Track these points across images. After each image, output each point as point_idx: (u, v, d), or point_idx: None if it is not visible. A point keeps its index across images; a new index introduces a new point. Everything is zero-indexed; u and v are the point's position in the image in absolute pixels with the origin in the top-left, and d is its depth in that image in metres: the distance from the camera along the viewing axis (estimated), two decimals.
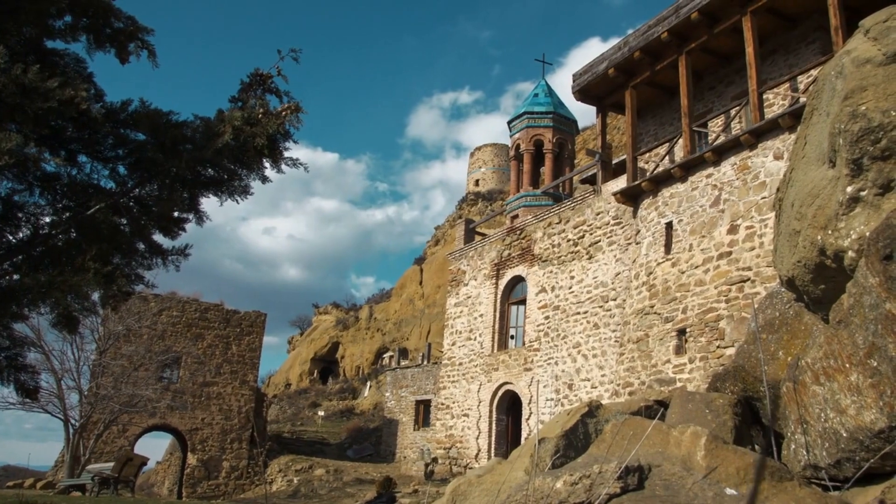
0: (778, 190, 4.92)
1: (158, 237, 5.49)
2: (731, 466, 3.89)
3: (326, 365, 57.27)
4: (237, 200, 5.20)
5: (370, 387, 47.33)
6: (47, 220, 5.79)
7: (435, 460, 24.56)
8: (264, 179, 5.24)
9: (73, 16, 4.89)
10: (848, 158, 3.81)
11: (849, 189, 3.83)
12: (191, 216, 5.36)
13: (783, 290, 5.42)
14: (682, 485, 3.88)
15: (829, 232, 3.95)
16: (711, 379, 5.85)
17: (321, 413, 43.61)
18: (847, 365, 3.75)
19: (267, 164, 5.12)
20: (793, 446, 4.44)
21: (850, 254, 3.83)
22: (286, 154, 5.10)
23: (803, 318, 5.31)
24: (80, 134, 4.79)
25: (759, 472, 3.81)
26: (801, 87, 15.61)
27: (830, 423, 3.91)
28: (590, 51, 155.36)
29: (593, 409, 5.57)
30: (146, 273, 5.75)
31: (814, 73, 15.24)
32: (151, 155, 4.60)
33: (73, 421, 20.84)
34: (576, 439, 5.02)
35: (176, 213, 5.24)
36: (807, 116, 4.73)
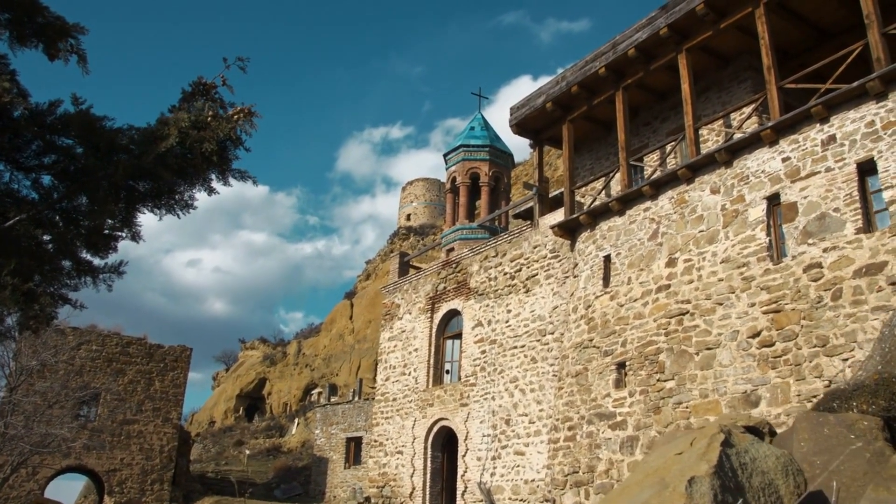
0: None
1: (88, 255, 4.95)
2: None
3: (253, 402, 55.64)
4: (178, 215, 4.74)
5: (298, 424, 46.11)
6: None
7: (367, 499, 23.82)
8: (211, 191, 4.80)
9: None
10: None
11: None
12: (124, 232, 4.86)
13: None
14: None
15: None
16: (824, 397, 4.98)
17: (247, 452, 42.16)
18: None
19: (213, 175, 4.70)
20: None
21: None
22: (234, 165, 4.70)
23: None
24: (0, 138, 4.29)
25: None
26: (735, 123, 15.95)
27: None
28: (520, 88, 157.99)
29: (727, 435, 4.69)
30: (73, 293, 5.20)
31: (746, 110, 15.61)
32: (83, 163, 4.14)
33: None
34: (726, 478, 4.15)
35: (107, 230, 4.75)
36: None
